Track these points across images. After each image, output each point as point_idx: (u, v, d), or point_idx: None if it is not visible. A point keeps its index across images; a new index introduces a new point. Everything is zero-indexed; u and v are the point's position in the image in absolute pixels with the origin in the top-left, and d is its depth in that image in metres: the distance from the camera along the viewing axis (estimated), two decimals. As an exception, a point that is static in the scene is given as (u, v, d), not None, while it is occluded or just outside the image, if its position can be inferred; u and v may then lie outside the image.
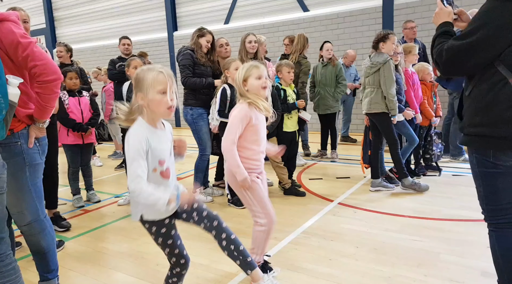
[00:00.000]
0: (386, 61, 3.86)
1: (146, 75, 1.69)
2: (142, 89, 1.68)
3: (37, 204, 2.13)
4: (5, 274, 1.67)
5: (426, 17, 7.00)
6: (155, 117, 1.76)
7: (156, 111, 1.72)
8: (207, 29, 4.13)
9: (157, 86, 1.67)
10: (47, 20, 12.53)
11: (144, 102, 1.70)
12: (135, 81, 1.73)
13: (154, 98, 1.68)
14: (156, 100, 1.68)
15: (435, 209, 3.53)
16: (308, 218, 3.44)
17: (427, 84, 4.57)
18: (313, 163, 5.58)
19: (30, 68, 1.90)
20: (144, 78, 1.69)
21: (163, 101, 1.69)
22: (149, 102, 1.69)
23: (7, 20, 1.86)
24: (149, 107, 1.71)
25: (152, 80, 1.67)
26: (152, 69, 1.70)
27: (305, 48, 5.09)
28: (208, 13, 9.70)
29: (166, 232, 1.89)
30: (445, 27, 1.83)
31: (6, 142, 1.94)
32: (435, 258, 2.62)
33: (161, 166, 1.77)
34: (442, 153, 4.78)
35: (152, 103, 1.69)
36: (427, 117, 4.52)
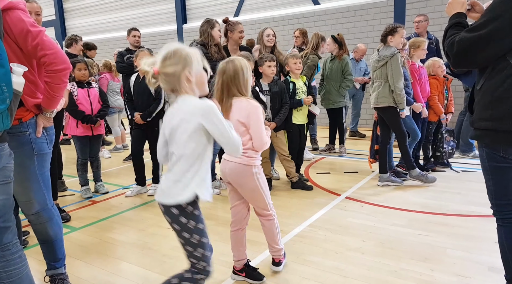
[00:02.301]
0: (393, 55, 3.81)
1: (191, 51, 1.61)
2: (191, 65, 1.59)
3: (45, 193, 2.15)
4: (11, 263, 1.69)
5: (438, 11, 6.89)
6: (197, 95, 1.66)
7: (200, 87, 1.65)
8: (215, 19, 4.10)
9: (201, 63, 1.64)
10: (57, 12, 12.60)
11: (192, 78, 1.60)
12: (177, 58, 1.58)
13: (202, 74, 1.63)
14: (203, 76, 1.63)
15: (443, 204, 3.49)
16: (315, 212, 3.43)
17: (439, 79, 4.48)
18: (321, 157, 5.56)
19: (39, 57, 1.90)
20: (190, 54, 1.60)
21: (206, 77, 1.65)
22: (197, 79, 1.62)
23: (16, 8, 1.85)
24: (197, 85, 1.63)
25: (198, 55, 1.62)
26: (186, 47, 1.62)
27: (319, 47, 5.00)
28: (217, 6, 9.66)
29: (201, 216, 1.71)
30: (458, 18, 1.80)
31: (15, 131, 1.95)
32: (442, 253, 2.59)
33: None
34: (454, 150, 4.67)
35: (200, 79, 1.63)
36: (436, 113, 4.45)
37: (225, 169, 2.27)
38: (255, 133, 2.14)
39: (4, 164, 1.62)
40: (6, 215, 1.66)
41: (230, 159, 2.22)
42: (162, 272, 2.50)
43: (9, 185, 1.67)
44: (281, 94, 4.04)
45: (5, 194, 1.64)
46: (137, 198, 4.09)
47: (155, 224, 3.33)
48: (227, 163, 2.24)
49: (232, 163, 2.21)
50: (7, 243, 1.67)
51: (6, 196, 1.65)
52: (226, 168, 2.26)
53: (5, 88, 1.46)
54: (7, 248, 1.67)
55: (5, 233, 1.66)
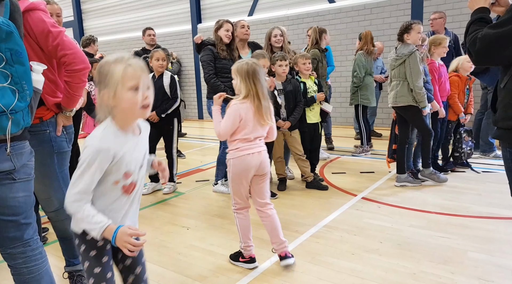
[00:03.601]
0: (411, 53, 3.74)
1: (112, 68, 1.37)
2: (108, 86, 1.36)
3: (64, 190, 2.17)
4: (32, 259, 1.72)
5: (457, 8, 6.75)
6: (128, 119, 1.45)
7: (127, 113, 1.41)
8: (225, 19, 4.10)
9: (127, 82, 1.36)
10: (75, 13, 12.79)
11: (111, 102, 1.37)
12: (98, 75, 1.40)
13: (124, 97, 1.36)
14: (126, 99, 1.36)
15: (462, 206, 3.42)
16: (330, 212, 3.40)
17: (462, 78, 4.35)
18: (336, 157, 5.51)
19: (59, 57, 1.94)
20: (109, 73, 1.36)
21: (135, 100, 1.37)
22: (118, 102, 1.37)
23: (37, 9, 1.90)
24: (118, 108, 1.39)
25: (120, 74, 1.35)
26: (119, 61, 1.38)
27: (319, 40, 4.94)
28: (232, 5, 9.67)
29: (96, 256, 1.48)
30: (481, 13, 1.74)
31: (36, 129, 1.99)
32: (462, 256, 2.54)
33: (125, 179, 1.46)
34: (472, 150, 4.57)
35: (122, 103, 1.37)
36: (456, 112, 4.36)
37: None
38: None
39: (25, 161, 1.65)
40: (27, 212, 1.68)
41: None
42: (178, 270, 2.51)
43: (30, 182, 1.69)
44: (295, 93, 4.02)
45: (26, 191, 1.67)
46: (152, 196, 4.12)
47: (170, 222, 3.35)
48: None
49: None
50: (28, 239, 1.70)
51: (27, 193, 1.68)
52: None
53: (26, 86, 1.49)
54: (28, 244, 1.70)
55: (26, 230, 1.69)
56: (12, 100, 1.43)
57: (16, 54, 1.44)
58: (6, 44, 1.41)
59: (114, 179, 1.43)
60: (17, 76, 1.45)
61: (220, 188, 4.11)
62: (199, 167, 5.24)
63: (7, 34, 1.41)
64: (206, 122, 9.99)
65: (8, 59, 1.42)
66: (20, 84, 1.46)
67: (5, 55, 1.41)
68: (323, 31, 4.98)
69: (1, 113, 1.42)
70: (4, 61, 1.42)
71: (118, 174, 1.43)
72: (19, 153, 1.61)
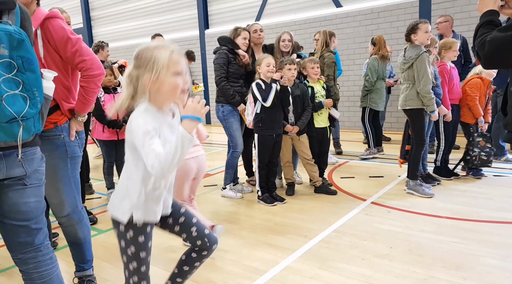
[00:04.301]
0: (419, 56, 3.68)
1: (156, 54, 1.45)
2: (152, 70, 1.44)
3: (76, 195, 2.21)
4: (43, 264, 1.73)
5: (466, 11, 6.71)
6: (166, 102, 1.53)
7: (169, 96, 1.49)
8: (242, 27, 4.12)
9: (172, 68, 1.45)
10: (84, 20, 12.97)
11: (154, 86, 1.46)
12: (138, 60, 1.47)
13: (168, 81, 1.45)
14: (169, 83, 1.45)
15: (474, 210, 3.37)
16: (339, 217, 3.37)
17: (484, 80, 4.24)
18: (345, 161, 5.48)
19: (77, 63, 2.02)
20: (156, 58, 1.44)
21: (178, 84, 1.47)
22: (160, 86, 1.46)
23: (57, 17, 1.99)
24: (159, 92, 1.47)
25: (166, 60, 1.44)
26: (163, 47, 1.46)
27: (329, 44, 4.96)
28: (239, 11, 9.72)
29: (144, 242, 1.62)
30: (490, 15, 1.73)
31: (50, 134, 2.05)
32: (474, 261, 2.50)
33: None
34: (490, 158, 4.23)
35: (165, 87, 1.46)
36: (475, 115, 4.26)
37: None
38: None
39: (36, 167, 1.67)
40: (38, 217, 1.70)
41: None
42: (187, 276, 2.50)
43: (41, 187, 1.71)
44: (303, 97, 4.01)
45: (37, 196, 1.69)
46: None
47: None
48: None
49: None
50: (39, 244, 1.71)
51: (38, 198, 1.70)
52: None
53: (37, 93, 1.51)
54: (39, 249, 1.71)
55: (37, 235, 1.70)
56: (23, 107, 1.45)
57: (27, 62, 1.47)
58: (17, 52, 1.44)
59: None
60: (28, 84, 1.48)
61: (228, 193, 4.11)
62: (207, 172, 5.24)
63: (19, 42, 1.43)
64: (214, 127, 10.02)
65: (20, 66, 1.45)
66: (31, 91, 1.49)
67: (17, 62, 1.44)
68: (332, 34, 5.00)
69: (13, 120, 1.43)
70: (16, 69, 1.44)
71: None
72: (31, 159, 1.63)
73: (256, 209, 3.74)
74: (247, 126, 4.02)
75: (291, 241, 2.93)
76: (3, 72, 1.40)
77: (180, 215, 1.76)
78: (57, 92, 2.02)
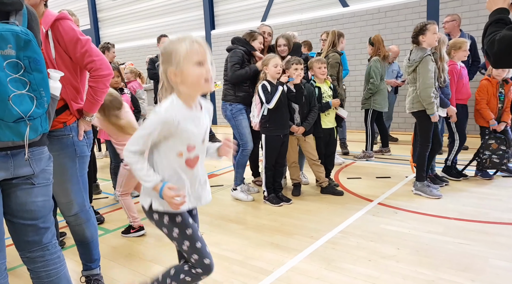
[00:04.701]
0: (422, 59, 3.62)
1: (177, 46, 1.45)
2: (174, 63, 1.45)
3: (83, 194, 2.23)
4: (50, 262, 1.74)
5: (474, 10, 6.64)
6: (192, 95, 1.53)
7: (194, 87, 1.49)
8: (257, 31, 4.14)
9: (193, 57, 1.44)
10: (92, 21, 13.07)
11: (177, 78, 1.47)
12: (163, 55, 1.49)
13: (191, 72, 1.45)
14: (193, 74, 1.45)
15: (482, 211, 3.34)
16: (346, 218, 3.36)
17: (492, 81, 4.18)
18: (351, 162, 5.45)
19: (86, 63, 2.05)
20: (175, 51, 1.45)
21: (201, 74, 1.46)
22: (184, 78, 1.46)
23: (67, 19, 2.02)
24: (184, 84, 1.48)
25: (186, 51, 1.44)
26: (184, 39, 1.46)
27: (336, 44, 4.94)
28: (245, 11, 9.73)
29: (183, 221, 1.64)
30: (499, 14, 1.71)
31: (60, 134, 2.07)
32: (483, 263, 2.47)
33: (189, 152, 1.56)
34: (504, 161, 4.13)
35: (188, 78, 1.46)
36: (485, 118, 4.19)
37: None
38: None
39: (44, 166, 1.68)
40: (45, 216, 1.71)
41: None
42: (193, 276, 2.50)
43: (48, 187, 1.72)
44: (309, 98, 4.00)
45: (45, 195, 1.70)
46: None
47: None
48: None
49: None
50: (46, 243, 1.73)
51: (46, 197, 1.71)
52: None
53: (43, 93, 1.52)
54: (46, 248, 1.72)
55: (44, 234, 1.72)
56: (30, 106, 1.47)
57: (34, 62, 1.48)
58: (24, 52, 1.45)
59: (178, 150, 1.53)
60: (35, 84, 1.49)
61: (239, 195, 4.05)
62: (212, 172, 5.25)
63: (26, 43, 1.45)
64: (220, 127, 10.04)
65: (27, 67, 1.46)
66: (38, 91, 1.50)
67: (24, 63, 1.45)
68: (341, 35, 4.96)
69: (20, 119, 1.45)
70: (23, 69, 1.45)
71: (181, 144, 1.53)
72: (38, 158, 1.64)
73: (262, 209, 3.74)
74: (253, 128, 4.01)
75: (297, 242, 2.92)
76: (10, 72, 1.41)
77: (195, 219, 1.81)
78: (66, 93, 2.05)
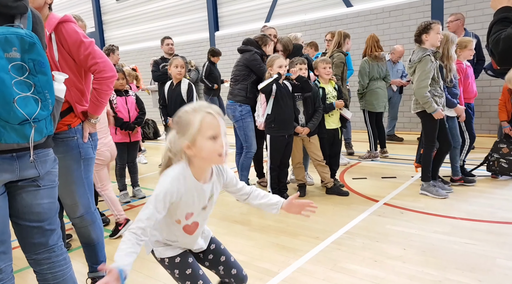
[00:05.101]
0: (421, 59, 3.59)
1: (191, 118, 1.38)
2: (188, 136, 1.38)
3: (89, 196, 2.23)
4: (57, 264, 1.75)
5: (479, 9, 6.59)
6: (204, 168, 1.49)
7: (207, 161, 1.45)
8: (268, 37, 4.17)
9: (207, 132, 1.37)
10: (96, 24, 13.14)
11: (191, 151, 1.40)
12: (177, 124, 1.43)
13: (204, 147, 1.38)
14: (205, 148, 1.38)
15: (489, 211, 3.31)
16: (351, 218, 3.34)
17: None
18: (357, 162, 5.43)
19: (90, 65, 2.05)
20: (189, 122, 1.38)
21: (214, 149, 1.39)
22: (197, 152, 1.40)
23: (71, 21, 2.02)
24: (197, 157, 1.42)
25: (200, 124, 1.37)
26: (198, 110, 1.39)
27: (342, 45, 4.93)
28: (249, 12, 9.74)
29: (181, 262, 1.62)
30: (504, 12, 1.69)
31: (64, 136, 2.07)
32: (490, 263, 2.45)
33: (187, 219, 1.53)
34: (510, 166, 4.08)
35: (202, 153, 1.39)
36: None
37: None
38: None
39: (49, 168, 1.69)
40: (51, 218, 1.72)
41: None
42: (199, 277, 2.50)
43: (54, 189, 1.73)
44: (313, 98, 3.99)
45: (51, 197, 1.71)
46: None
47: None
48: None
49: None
50: (52, 245, 1.73)
51: (52, 199, 1.72)
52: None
53: (48, 95, 1.53)
54: (52, 250, 1.73)
55: (50, 236, 1.73)
56: (35, 109, 1.47)
57: (39, 65, 1.49)
58: (29, 55, 1.46)
59: (176, 217, 1.51)
60: (40, 86, 1.50)
61: None
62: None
63: (30, 45, 1.46)
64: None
65: (31, 69, 1.47)
66: (42, 94, 1.51)
67: (28, 65, 1.46)
68: (347, 35, 4.95)
69: (25, 121, 1.45)
70: (28, 72, 1.46)
71: (180, 213, 1.50)
72: (43, 160, 1.65)
73: (267, 210, 3.72)
74: (258, 127, 4.01)
75: (303, 243, 2.91)
76: (15, 74, 1.42)
77: (210, 252, 1.75)
78: (71, 95, 2.05)
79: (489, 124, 6.64)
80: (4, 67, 1.39)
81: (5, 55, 1.40)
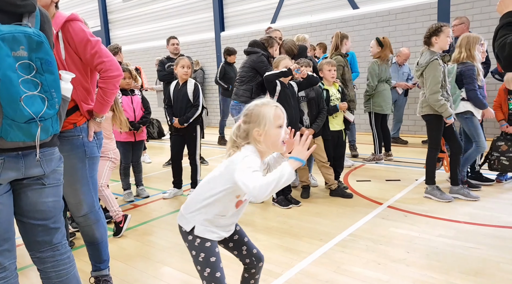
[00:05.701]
0: (428, 63, 3.57)
1: (264, 110, 1.67)
2: (261, 124, 1.65)
3: (93, 195, 2.24)
4: (60, 263, 1.76)
5: (486, 12, 6.56)
6: (267, 152, 1.73)
7: (272, 146, 1.69)
8: (275, 38, 4.17)
9: (277, 122, 1.66)
10: (102, 22, 13.21)
11: (260, 137, 1.66)
12: (248, 116, 1.69)
13: (273, 133, 1.65)
14: (274, 135, 1.66)
15: (494, 215, 3.29)
16: (355, 221, 3.33)
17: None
18: (361, 164, 5.42)
19: (96, 64, 2.05)
20: (262, 114, 1.66)
21: (280, 136, 1.67)
22: (266, 138, 1.66)
23: (78, 20, 2.03)
24: (264, 142, 1.67)
25: (272, 115, 1.65)
26: (268, 104, 1.69)
27: (340, 46, 4.93)
28: (255, 13, 9.74)
29: (211, 248, 1.73)
30: (510, 17, 1.68)
31: (70, 135, 2.08)
32: (494, 267, 2.43)
33: (243, 195, 1.72)
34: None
35: (270, 138, 1.66)
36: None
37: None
38: None
39: (54, 167, 1.69)
40: (56, 217, 1.73)
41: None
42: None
43: (59, 187, 1.74)
44: (318, 100, 3.99)
45: (56, 196, 1.72)
46: (177, 202, 4.15)
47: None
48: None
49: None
50: (56, 243, 1.74)
51: (56, 198, 1.72)
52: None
53: (55, 94, 1.54)
54: (56, 248, 1.74)
55: (55, 234, 1.73)
56: (41, 107, 1.48)
57: (46, 64, 1.49)
58: (36, 53, 1.46)
59: (240, 192, 1.66)
60: (47, 85, 1.50)
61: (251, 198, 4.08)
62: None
63: (38, 44, 1.46)
64: (229, 130, 10.04)
65: (38, 68, 1.48)
66: (49, 92, 1.51)
67: (36, 64, 1.47)
68: (344, 36, 4.97)
69: (31, 120, 1.46)
70: (35, 70, 1.47)
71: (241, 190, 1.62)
72: (49, 159, 1.66)
73: (271, 211, 3.73)
74: None
75: (306, 244, 2.91)
76: (22, 73, 1.43)
77: (235, 233, 1.87)
78: (77, 94, 2.06)
79: (494, 128, 6.60)
80: (12, 66, 1.40)
81: (13, 54, 1.40)
